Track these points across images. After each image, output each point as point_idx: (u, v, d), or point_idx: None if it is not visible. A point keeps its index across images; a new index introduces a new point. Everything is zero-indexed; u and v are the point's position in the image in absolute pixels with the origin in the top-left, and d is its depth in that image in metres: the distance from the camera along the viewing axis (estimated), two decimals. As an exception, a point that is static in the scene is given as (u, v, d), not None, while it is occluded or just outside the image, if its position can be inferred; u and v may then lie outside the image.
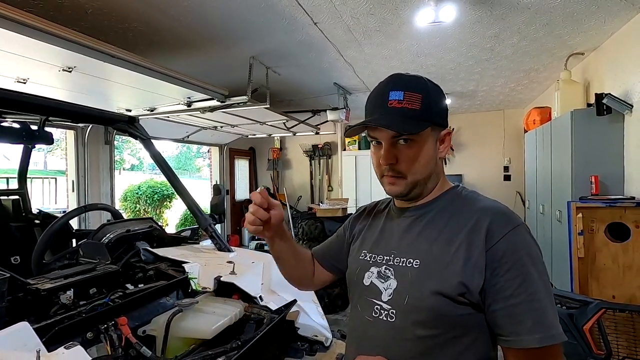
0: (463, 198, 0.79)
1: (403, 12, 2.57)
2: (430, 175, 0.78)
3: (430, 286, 0.70)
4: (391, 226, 0.84)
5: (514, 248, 0.68)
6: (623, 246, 2.50)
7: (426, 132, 0.74)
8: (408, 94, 0.73)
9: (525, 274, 0.66)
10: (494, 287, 0.67)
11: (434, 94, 0.76)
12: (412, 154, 0.75)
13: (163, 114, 3.64)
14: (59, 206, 6.52)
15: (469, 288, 0.67)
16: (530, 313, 0.65)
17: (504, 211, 0.73)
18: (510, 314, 0.66)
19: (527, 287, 0.65)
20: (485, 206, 0.74)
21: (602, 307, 2.04)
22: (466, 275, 0.68)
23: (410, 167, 0.75)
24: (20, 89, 2.47)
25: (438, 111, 0.76)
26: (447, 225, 0.75)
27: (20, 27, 1.66)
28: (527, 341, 0.64)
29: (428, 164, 0.76)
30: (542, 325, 0.64)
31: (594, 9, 2.56)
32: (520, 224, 0.70)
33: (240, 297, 1.27)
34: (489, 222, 0.70)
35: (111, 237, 1.54)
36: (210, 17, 2.59)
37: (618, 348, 2.05)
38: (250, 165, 7.82)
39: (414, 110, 0.73)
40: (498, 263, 0.67)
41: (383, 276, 0.77)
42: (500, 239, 0.68)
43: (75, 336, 0.89)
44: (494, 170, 6.45)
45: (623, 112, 2.83)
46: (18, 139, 2.11)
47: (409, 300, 0.72)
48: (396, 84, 0.75)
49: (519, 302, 0.65)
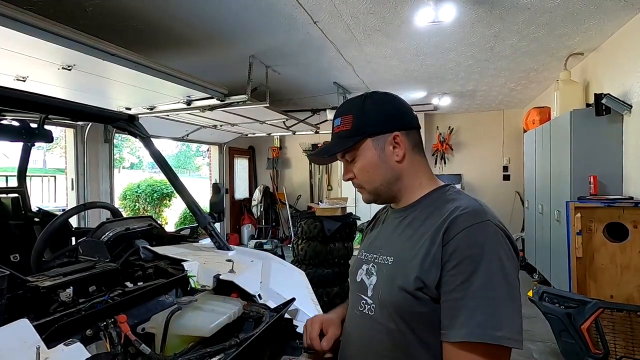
0: (445, 198, 0.78)
1: (403, 12, 2.57)
2: (389, 180, 0.82)
3: (397, 282, 0.72)
4: (386, 227, 0.88)
5: (469, 244, 0.66)
6: (621, 246, 2.51)
7: (364, 145, 0.81)
8: (343, 117, 0.83)
9: (472, 271, 0.64)
10: (442, 281, 0.67)
11: (370, 106, 0.82)
12: (358, 166, 0.83)
13: (163, 113, 3.64)
14: (59, 204, 6.52)
15: (425, 283, 0.68)
16: (464, 309, 0.64)
17: (473, 208, 0.71)
18: (448, 307, 0.66)
19: (470, 284, 0.64)
20: (458, 205, 0.72)
21: (600, 307, 2.05)
22: (423, 270, 0.69)
23: (362, 178, 0.83)
24: (19, 87, 2.47)
25: (374, 121, 0.81)
26: (422, 224, 0.76)
27: (20, 25, 1.66)
28: (452, 335, 0.64)
29: (377, 171, 0.81)
30: (472, 322, 0.62)
31: (593, 9, 2.56)
32: (486, 220, 0.68)
33: (239, 296, 1.27)
34: (452, 218, 0.70)
35: (110, 235, 1.54)
36: (211, 16, 2.59)
37: (615, 347, 2.06)
38: (249, 164, 7.82)
39: (347, 130, 0.82)
40: (449, 257, 0.67)
41: (369, 273, 0.82)
42: (457, 234, 0.67)
43: (75, 333, 0.89)
44: (493, 170, 6.46)
45: (622, 112, 2.83)
46: (17, 137, 2.11)
47: (382, 296, 0.76)
48: (337, 113, 0.86)
49: (458, 298, 0.65)
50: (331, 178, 7.27)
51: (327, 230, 3.57)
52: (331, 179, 7.27)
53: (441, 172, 6.63)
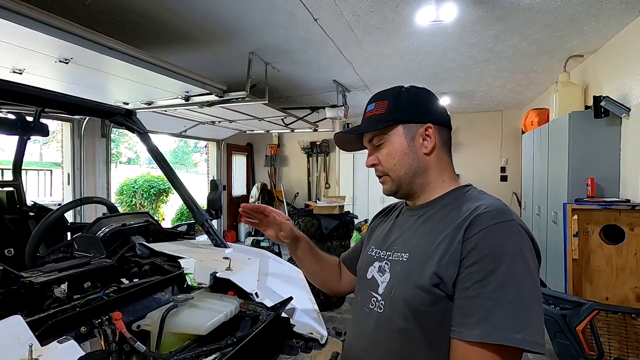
0: (467, 197, 0.78)
1: (404, 10, 2.56)
2: (414, 172, 0.81)
3: (413, 279, 0.71)
4: (400, 224, 0.87)
5: (489, 242, 0.65)
6: (617, 248, 2.52)
7: (394, 130, 0.81)
8: (378, 102, 0.83)
9: (491, 270, 0.63)
10: (459, 278, 0.66)
11: (406, 96, 0.82)
12: (385, 152, 0.82)
13: (161, 108, 3.62)
14: (54, 199, 6.47)
15: (443, 279, 0.67)
16: (480, 309, 0.62)
17: (497, 207, 0.70)
18: (462, 305, 0.65)
19: (487, 283, 0.62)
20: (481, 204, 0.71)
21: (595, 309, 2.05)
22: (441, 266, 0.68)
23: (387, 164, 0.82)
24: (16, 79, 2.44)
25: (409, 109, 0.81)
26: (440, 222, 0.75)
27: (17, 16, 1.64)
28: (465, 334, 0.62)
29: (404, 159, 0.80)
30: (488, 323, 0.61)
31: (594, 12, 2.56)
32: (511, 220, 0.67)
33: (236, 294, 1.27)
34: (475, 215, 0.68)
35: (106, 231, 1.53)
36: (210, 11, 2.57)
37: (610, 349, 2.06)
38: (247, 161, 7.80)
39: (380, 114, 0.82)
40: (467, 254, 0.66)
41: (382, 270, 0.81)
42: (478, 232, 0.66)
43: (69, 330, 0.88)
44: (490, 170, 6.47)
45: (620, 115, 2.84)
46: (13, 130, 2.08)
47: (395, 293, 0.75)
48: (372, 99, 0.86)
49: (474, 296, 0.63)
50: (329, 176, 7.27)
51: (325, 228, 3.57)
52: (329, 177, 7.27)
53: (439, 172, 6.63)
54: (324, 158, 7.27)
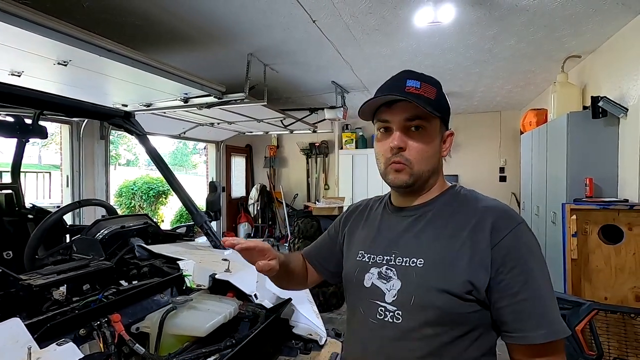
0: (462, 197, 0.80)
1: (402, 12, 2.57)
2: (433, 171, 0.79)
3: (437, 285, 0.70)
4: (389, 225, 0.83)
5: (518, 245, 0.69)
6: (616, 248, 2.52)
7: (436, 123, 0.78)
8: (424, 84, 0.76)
9: (529, 271, 0.68)
10: (499, 285, 0.69)
11: (444, 93, 0.81)
12: (422, 141, 0.76)
13: (159, 110, 3.62)
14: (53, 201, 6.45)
15: (476, 286, 0.69)
16: (534, 310, 0.67)
17: (506, 209, 0.75)
18: (516, 310, 0.68)
19: (531, 284, 0.68)
20: (488, 205, 0.76)
21: (594, 309, 2.05)
22: (472, 273, 0.69)
23: (418, 156, 0.75)
24: (14, 82, 2.44)
25: (446, 109, 0.81)
26: (448, 224, 0.75)
27: (15, 19, 1.64)
28: (532, 338, 0.66)
29: (434, 157, 0.78)
30: (546, 321, 0.66)
31: (591, 12, 2.57)
32: (522, 221, 0.73)
33: (235, 295, 1.27)
34: (493, 220, 0.72)
35: (105, 233, 1.53)
36: (209, 13, 2.57)
37: (609, 349, 2.06)
38: (246, 162, 7.79)
39: (429, 99, 0.75)
40: (503, 260, 0.69)
41: (385, 277, 0.76)
42: (505, 237, 0.70)
43: (68, 333, 0.88)
44: (489, 171, 6.48)
45: (618, 115, 2.85)
46: (12, 132, 2.09)
47: (415, 300, 0.72)
48: (412, 75, 0.78)
49: (524, 299, 0.67)
50: (328, 177, 7.27)
51: (324, 229, 3.56)
52: (328, 178, 7.27)
53: (438, 172, 6.65)
54: (323, 159, 7.27)
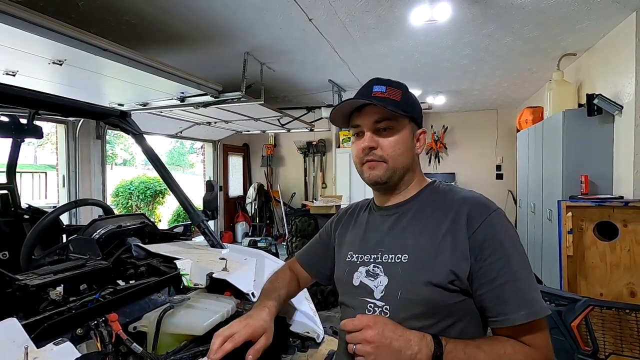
0: (442, 191, 0.84)
1: (398, 10, 2.57)
2: (408, 167, 0.83)
3: (422, 278, 0.73)
4: (374, 225, 0.87)
5: (493, 232, 0.73)
6: (611, 245, 2.54)
7: (404, 122, 0.82)
8: (390, 88, 0.82)
9: (507, 256, 0.71)
10: (479, 272, 0.71)
11: (411, 95, 0.86)
12: (392, 139, 0.81)
13: (156, 109, 3.61)
14: (49, 201, 6.43)
15: (458, 275, 0.71)
16: (514, 292, 0.69)
17: (480, 199, 0.79)
18: (496, 295, 0.70)
19: (509, 268, 0.70)
20: (463, 196, 0.80)
21: (590, 305, 2.07)
22: (454, 263, 0.72)
23: (390, 152, 0.80)
24: (9, 81, 2.42)
25: (415, 109, 0.85)
26: (429, 218, 0.79)
27: (9, 18, 1.63)
28: (513, 319, 0.68)
29: (406, 153, 0.82)
30: (526, 302, 0.68)
31: (587, 10, 2.59)
32: (497, 209, 0.76)
33: (233, 294, 1.27)
34: (468, 210, 0.75)
35: (102, 232, 1.52)
36: (205, 12, 2.56)
37: (605, 344, 2.08)
38: (244, 161, 7.78)
39: (395, 100, 0.81)
40: (480, 248, 0.72)
41: (372, 274, 0.80)
42: (480, 225, 0.73)
43: (65, 332, 0.88)
44: (486, 169, 6.51)
45: (613, 112, 2.87)
46: (6, 132, 2.07)
47: (402, 294, 0.74)
48: (379, 81, 0.84)
49: (503, 283, 0.69)
50: (326, 176, 7.27)
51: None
52: (325, 176, 7.27)
53: (435, 170, 6.68)
54: (320, 158, 7.28)
